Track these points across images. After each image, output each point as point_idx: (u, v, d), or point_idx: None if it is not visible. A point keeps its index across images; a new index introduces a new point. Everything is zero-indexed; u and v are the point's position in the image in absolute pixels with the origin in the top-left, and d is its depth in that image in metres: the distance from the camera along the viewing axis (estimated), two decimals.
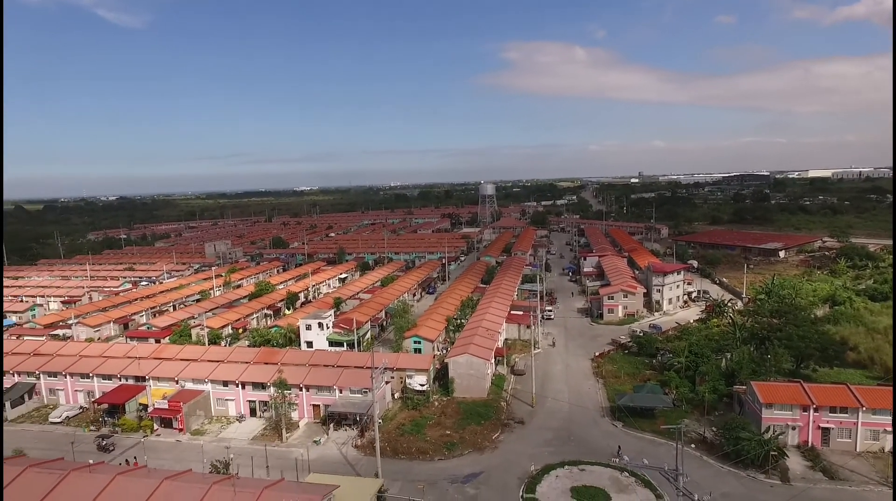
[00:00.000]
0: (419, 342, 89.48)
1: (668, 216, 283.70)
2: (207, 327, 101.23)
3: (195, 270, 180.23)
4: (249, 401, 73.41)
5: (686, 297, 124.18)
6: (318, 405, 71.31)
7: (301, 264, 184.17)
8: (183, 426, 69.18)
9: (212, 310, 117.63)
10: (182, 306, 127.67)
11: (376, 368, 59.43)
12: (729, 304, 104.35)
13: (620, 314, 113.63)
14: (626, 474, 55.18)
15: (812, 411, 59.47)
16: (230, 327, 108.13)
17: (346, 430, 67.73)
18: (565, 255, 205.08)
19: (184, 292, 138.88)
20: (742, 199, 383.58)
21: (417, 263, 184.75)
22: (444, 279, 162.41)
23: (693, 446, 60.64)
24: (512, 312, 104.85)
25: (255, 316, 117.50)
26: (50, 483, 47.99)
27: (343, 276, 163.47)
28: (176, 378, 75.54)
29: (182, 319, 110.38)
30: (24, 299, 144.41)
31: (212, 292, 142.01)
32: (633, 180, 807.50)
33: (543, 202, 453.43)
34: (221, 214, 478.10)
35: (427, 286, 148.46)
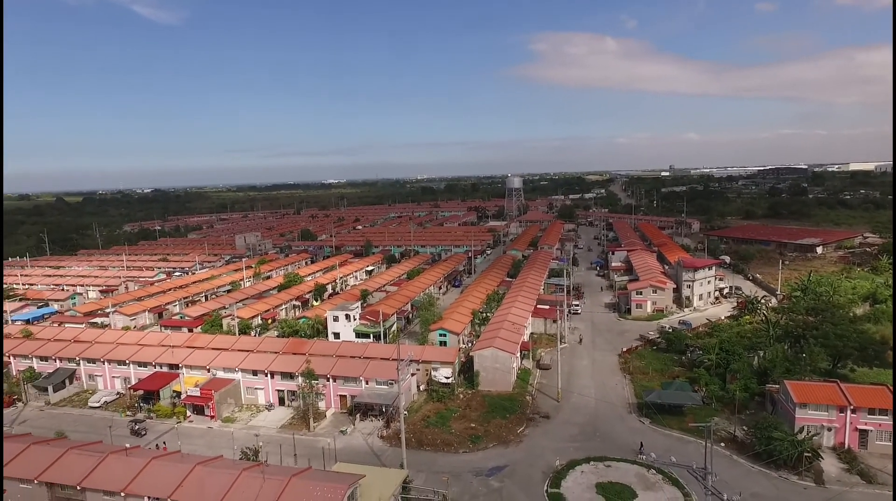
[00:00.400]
0: (445, 335, 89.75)
1: (700, 211, 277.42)
2: (238, 317, 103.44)
3: (226, 261, 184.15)
4: (278, 390, 74.87)
5: (717, 293, 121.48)
6: (345, 396, 72.32)
7: (328, 257, 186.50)
8: (214, 414, 71.02)
9: (242, 301, 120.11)
10: (213, 297, 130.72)
11: (402, 360, 59.87)
12: (762, 301, 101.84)
13: (649, 310, 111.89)
14: (653, 471, 54.50)
15: (849, 412, 57.65)
16: (259, 317, 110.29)
17: (371, 421, 68.53)
18: (593, 249, 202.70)
19: (215, 283, 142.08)
20: (778, 193, 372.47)
21: (443, 256, 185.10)
22: (470, 273, 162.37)
23: (723, 445, 59.49)
24: (538, 306, 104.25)
25: (283, 307, 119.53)
26: (90, 464, 49.99)
27: (370, 268, 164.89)
28: (208, 367, 77.49)
29: (213, 309, 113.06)
30: (64, 287, 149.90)
31: (242, 283, 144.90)
32: (663, 174, 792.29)
33: (571, 196, 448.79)
34: (251, 206, 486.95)
35: (453, 280, 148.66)
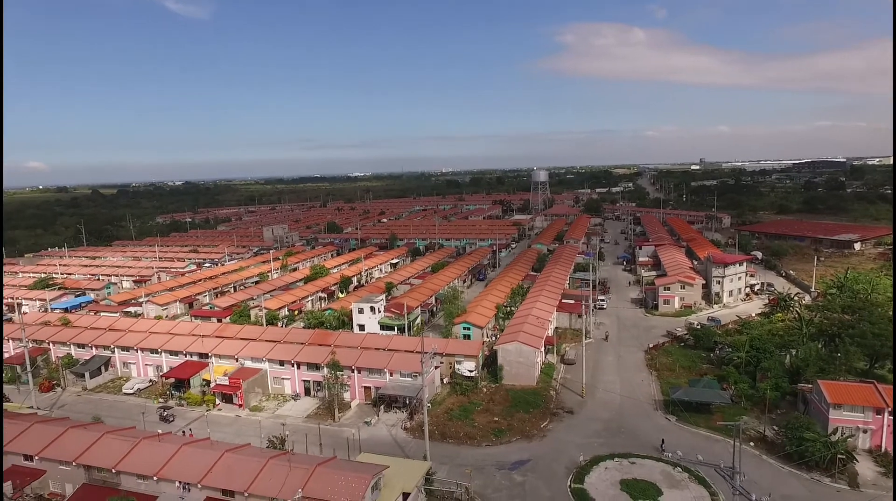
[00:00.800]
0: (468, 329, 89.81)
1: (731, 205, 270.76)
2: (265, 308, 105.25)
3: (254, 253, 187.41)
4: (304, 381, 76.04)
5: (748, 290, 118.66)
6: (370, 387, 73.07)
7: (354, 249, 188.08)
8: (242, 403, 72.55)
9: (269, 292, 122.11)
10: (242, 288, 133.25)
11: (426, 353, 60.14)
12: (796, 298, 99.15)
13: (677, 306, 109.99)
14: (679, 469, 53.77)
15: (886, 414, 55.81)
16: (286, 308, 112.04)
17: (395, 412, 69.13)
18: (620, 244, 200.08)
19: (243, 275, 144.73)
20: (814, 187, 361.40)
21: (468, 249, 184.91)
22: (494, 266, 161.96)
23: (752, 444, 58.31)
24: (563, 300, 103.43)
25: (310, 299, 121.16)
26: (124, 448, 51.66)
27: (394, 261, 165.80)
28: (236, 356, 79.12)
29: (242, 300, 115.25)
30: (100, 277, 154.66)
31: (269, 274, 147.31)
32: (693, 167, 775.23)
33: (598, 189, 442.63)
34: (279, 199, 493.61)
35: (477, 273, 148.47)
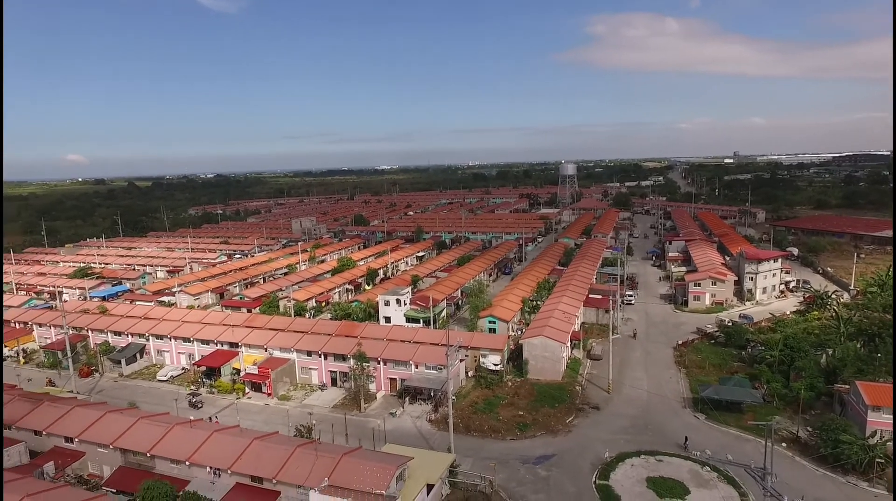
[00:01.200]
0: (494, 322, 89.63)
1: (766, 200, 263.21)
2: (294, 299, 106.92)
3: (283, 245, 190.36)
4: (331, 371, 77.10)
5: (783, 287, 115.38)
6: (395, 379, 73.65)
7: (380, 242, 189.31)
8: (271, 391, 74.00)
9: (298, 283, 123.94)
10: (271, 279, 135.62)
11: (451, 346, 60.28)
12: (833, 296, 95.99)
13: (707, 302, 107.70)
14: (708, 468, 52.81)
15: None
16: (314, 300, 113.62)
17: (420, 404, 69.57)
18: (649, 238, 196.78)
19: (272, 266, 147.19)
20: (855, 181, 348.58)
21: (494, 243, 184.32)
22: (520, 260, 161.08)
23: (784, 445, 56.87)
24: (590, 295, 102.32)
25: (337, 291, 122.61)
26: (158, 433, 53.28)
27: (420, 254, 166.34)
28: (265, 346, 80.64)
29: (271, 291, 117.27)
30: (135, 267, 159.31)
31: (298, 266, 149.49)
32: (726, 161, 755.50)
33: (627, 183, 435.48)
34: (307, 191, 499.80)
35: (503, 267, 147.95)
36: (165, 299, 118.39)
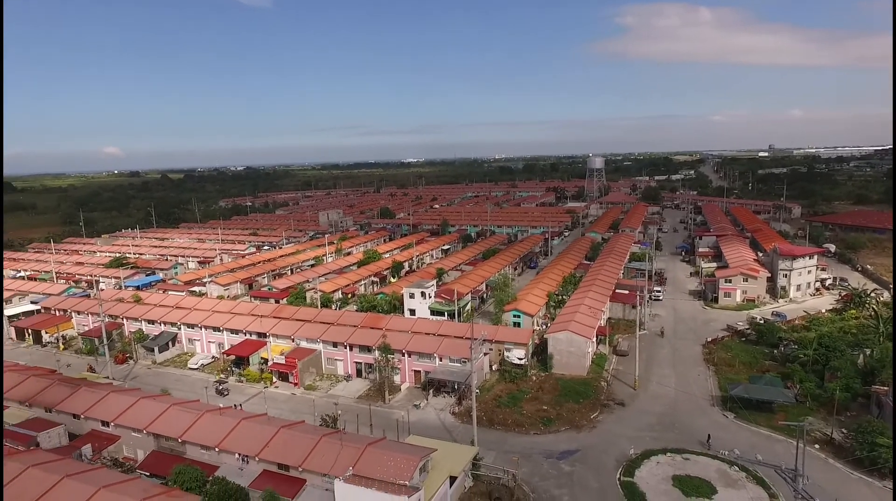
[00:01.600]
0: (519, 316, 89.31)
1: (802, 194, 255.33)
2: (320, 291, 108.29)
3: (310, 237, 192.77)
4: (356, 362, 77.99)
5: (818, 284, 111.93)
6: (419, 371, 74.10)
7: (406, 235, 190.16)
8: (297, 381, 75.25)
9: (324, 275, 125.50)
10: (298, 271, 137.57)
11: (475, 339, 60.30)
12: (872, 294, 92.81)
13: (738, 299, 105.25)
14: (736, 468, 51.81)
15: None
16: (340, 291, 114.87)
17: (444, 397, 69.86)
18: (679, 232, 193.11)
19: (300, 258, 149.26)
20: None
21: (520, 237, 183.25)
22: (546, 254, 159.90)
23: (817, 446, 55.39)
24: (617, 290, 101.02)
25: (362, 283, 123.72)
26: (189, 420, 54.73)
27: (446, 247, 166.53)
28: (292, 337, 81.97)
29: (298, 282, 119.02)
30: (168, 257, 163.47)
31: (324, 258, 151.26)
32: (761, 154, 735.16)
33: (657, 177, 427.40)
34: (334, 184, 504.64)
35: (529, 261, 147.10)
36: (196, 289, 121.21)
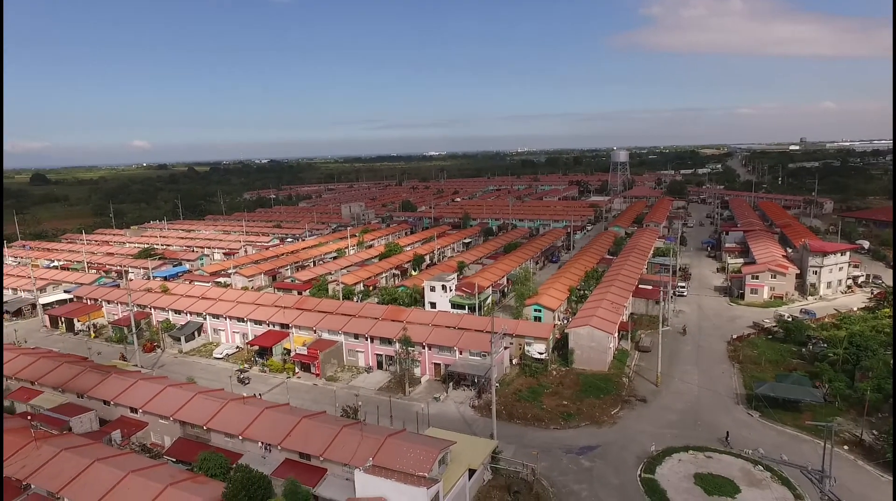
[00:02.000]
0: (540, 311, 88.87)
1: (835, 189, 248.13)
2: (342, 283, 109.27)
3: (332, 229, 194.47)
4: (377, 354, 78.61)
5: (850, 281, 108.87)
6: (439, 364, 74.36)
7: (427, 228, 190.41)
8: (319, 372, 76.20)
9: (346, 268, 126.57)
10: (321, 263, 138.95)
11: (496, 333, 60.21)
12: None
13: (765, 296, 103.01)
14: (761, 468, 50.90)
15: None
16: (362, 284, 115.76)
17: (464, 390, 70.02)
18: (705, 226, 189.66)
19: (322, 250, 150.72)
20: None
21: (542, 230, 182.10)
22: (568, 249, 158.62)
23: (846, 448, 54.07)
24: (640, 286, 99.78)
25: (384, 275, 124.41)
26: (214, 408, 55.86)
27: (467, 241, 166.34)
28: (314, 328, 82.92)
29: (320, 274, 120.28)
30: (194, 249, 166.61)
31: (346, 250, 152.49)
32: (792, 147, 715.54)
33: (682, 171, 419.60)
34: (357, 177, 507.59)
35: (551, 255, 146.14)
36: (221, 280, 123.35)
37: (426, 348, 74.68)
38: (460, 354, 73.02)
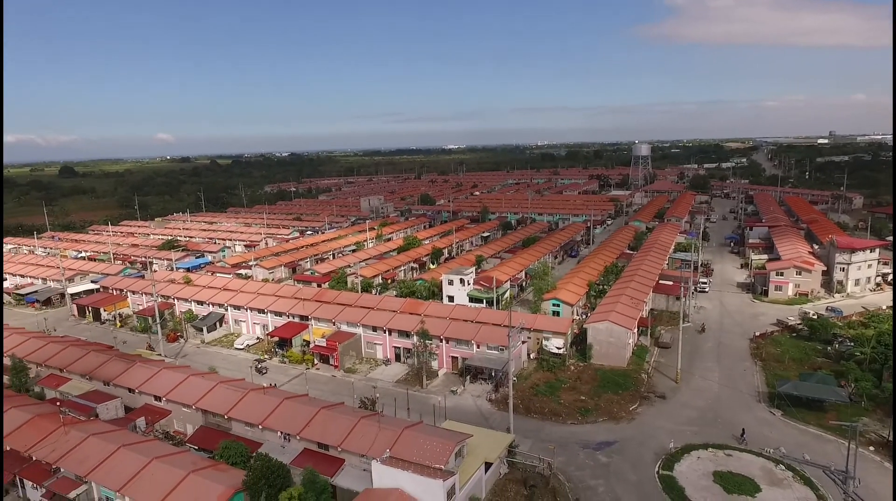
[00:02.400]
0: (558, 305, 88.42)
1: (865, 183, 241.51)
2: (361, 275, 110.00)
3: (351, 222, 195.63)
4: (395, 347, 79.07)
5: (880, 279, 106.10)
6: (457, 358, 74.52)
7: (446, 222, 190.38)
8: (338, 364, 76.98)
9: (365, 260, 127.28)
10: (340, 256, 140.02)
11: (513, 327, 60.11)
12: None
13: (790, 293, 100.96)
14: (782, 467, 50.10)
15: None
16: (380, 277, 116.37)
17: (481, 384, 70.11)
18: (728, 221, 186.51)
19: (342, 243, 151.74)
20: None
21: (561, 225, 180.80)
22: (588, 243, 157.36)
23: (871, 449, 52.91)
24: (660, 281, 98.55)
25: (402, 269, 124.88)
26: (235, 398, 56.84)
27: (485, 235, 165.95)
28: (333, 320, 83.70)
29: (339, 267, 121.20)
30: (216, 241, 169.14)
31: (365, 243, 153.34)
32: (820, 141, 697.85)
33: (706, 165, 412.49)
34: (376, 170, 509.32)
35: (570, 249, 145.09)
36: (243, 271, 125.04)
37: (444, 341, 74.89)
38: (478, 348, 73.08)
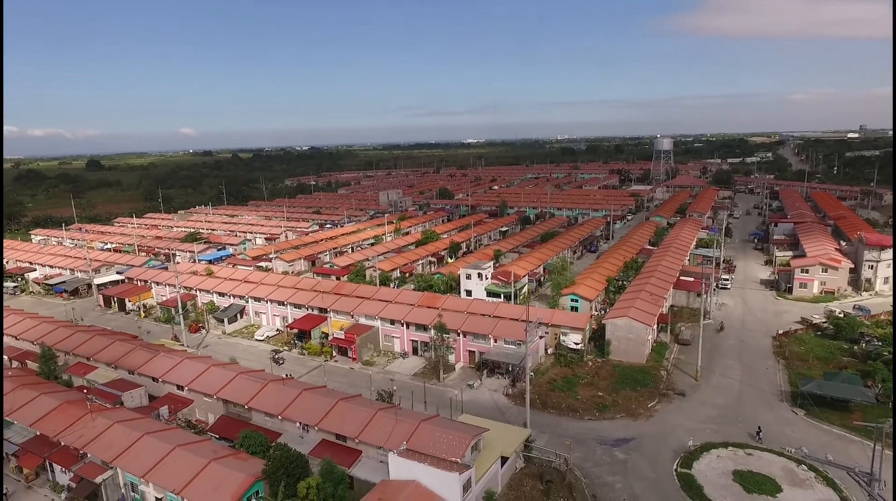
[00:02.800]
0: (576, 301, 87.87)
1: None
2: (379, 269, 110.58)
3: (370, 216, 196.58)
4: (412, 340, 79.45)
5: None
6: (474, 352, 74.61)
7: (464, 216, 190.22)
8: (356, 356, 77.64)
9: (383, 254, 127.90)
10: (358, 249, 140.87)
11: (531, 322, 59.93)
12: None
13: (815, 291, 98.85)
14: (804, 467, 49.27)
15: None
16: (398, 270, 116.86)
17: (498, 378, 70.13)
18: (752, 216, 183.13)
19: (360, 236, 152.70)
20: None
21: (580, 220, 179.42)
22: (607, 238, 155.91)
23: None
24: (681, 277, 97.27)
25: (420, 262, 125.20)
26: (255, 388, 57.75)
27: (504, 229, 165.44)
28: (351, 313, 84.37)
29: (358, 260, 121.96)
30: (237, 233, 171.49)
31: (384, 237, 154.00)
32: (850, 135, 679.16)
33: (730, 160, 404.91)
34: (395, 164, 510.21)
35: (589, 244, 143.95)
36: (263, 264, 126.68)
37: (461, 335, 75.01)
38: (495, 342, 73.07)
